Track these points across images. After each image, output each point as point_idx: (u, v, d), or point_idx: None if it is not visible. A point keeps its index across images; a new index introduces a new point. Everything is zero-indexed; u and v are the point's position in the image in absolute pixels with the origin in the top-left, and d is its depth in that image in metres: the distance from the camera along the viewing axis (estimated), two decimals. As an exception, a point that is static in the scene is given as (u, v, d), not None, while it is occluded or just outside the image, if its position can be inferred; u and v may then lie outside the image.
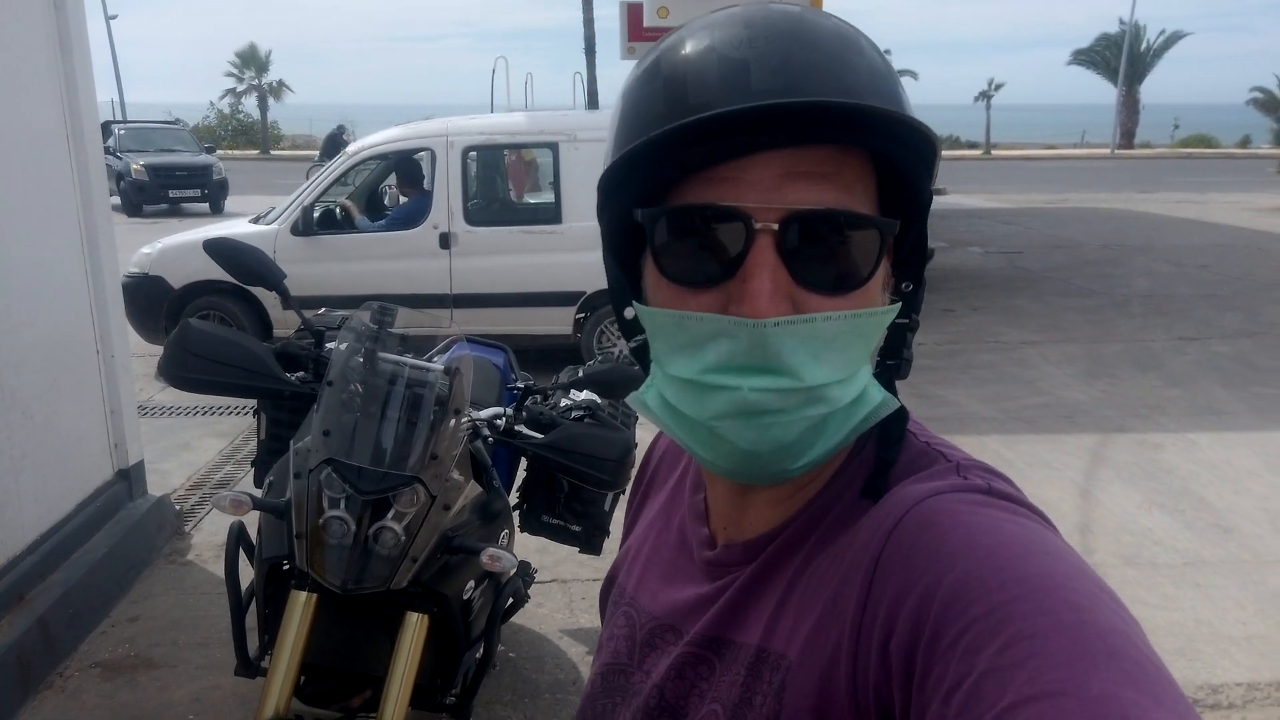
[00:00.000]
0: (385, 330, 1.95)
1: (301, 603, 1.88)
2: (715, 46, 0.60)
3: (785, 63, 0.58)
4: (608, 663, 0.79)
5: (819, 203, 0.59)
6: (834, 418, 0.62)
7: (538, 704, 2.99)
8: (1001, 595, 0.51)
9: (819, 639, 0.61)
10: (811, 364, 0.60)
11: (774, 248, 0.59)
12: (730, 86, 0.58)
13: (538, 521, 2.71)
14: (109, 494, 3.78)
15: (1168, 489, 4.66)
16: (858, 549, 0.61)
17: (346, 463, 1.80)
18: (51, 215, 3.49)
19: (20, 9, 3.32)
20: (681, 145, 0.59)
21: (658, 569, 0.80)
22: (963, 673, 0.49)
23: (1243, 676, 3.12)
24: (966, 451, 0.67)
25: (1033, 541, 0.55)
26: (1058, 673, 0.46)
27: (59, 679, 3.08)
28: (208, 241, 2.23)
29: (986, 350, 7.41)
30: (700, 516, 0.77)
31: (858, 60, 0.60)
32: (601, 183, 0.65)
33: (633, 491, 0.93)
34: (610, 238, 0.67)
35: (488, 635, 2.16)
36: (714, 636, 0.70)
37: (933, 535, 0.57)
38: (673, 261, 0.63)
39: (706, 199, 0.60)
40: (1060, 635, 0.48)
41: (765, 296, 0.59)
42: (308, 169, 13.48)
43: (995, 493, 0.60)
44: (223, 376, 2.08)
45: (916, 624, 0.53)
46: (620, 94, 0.66)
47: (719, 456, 0.64)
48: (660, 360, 0.65)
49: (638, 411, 0.68)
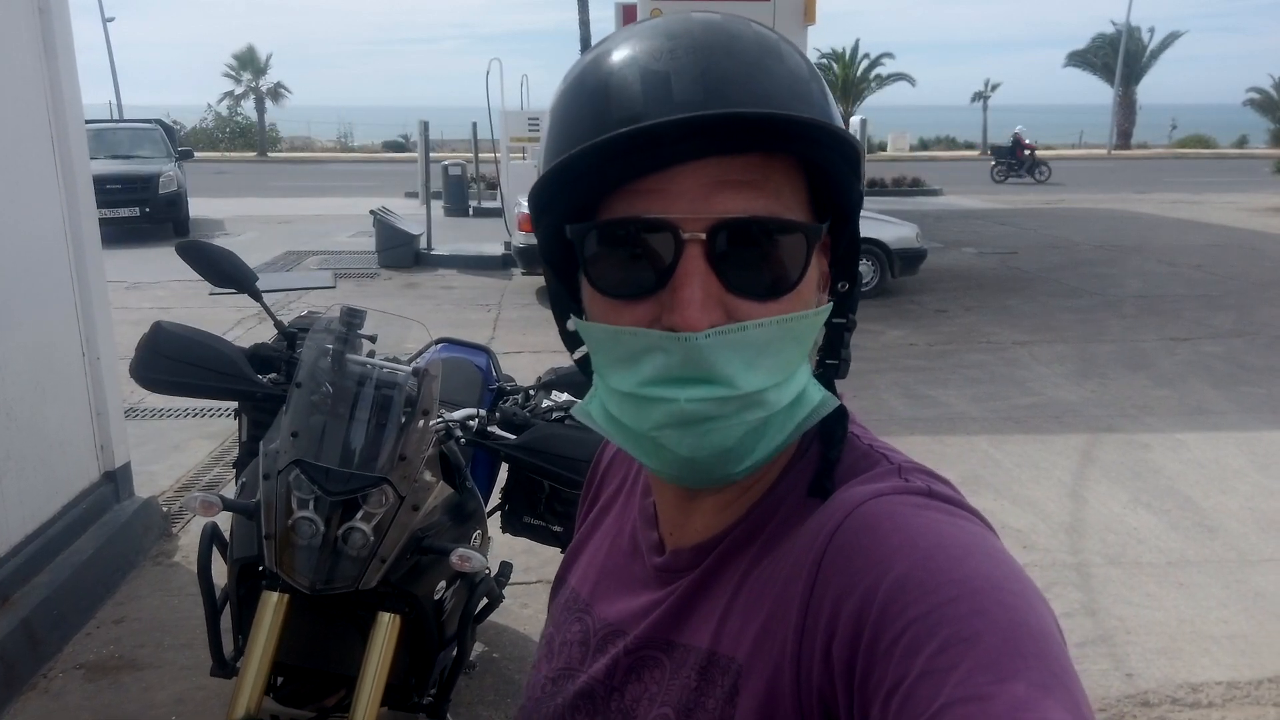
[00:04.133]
0: (354, 332, 1.96)
1: (273, 603, 1.89)
2: (638, 58, 0.60)
3: (705, 74, 0.59)
4: (560, 668, 0.79)
5: (745, 211, 0.60)
6: (773, 420, 0.63)
7: (520, 704, 3.00)
8: (938, 596, 0.52)
9: (766, 641, 0.61)
10: (746, 371, 0.60)
11: (703, 257, 0.60)
12: (652, 99, 0.58)
13: (519, 523, 2.71)
14: (95, 496, 3.79)
15: (1154, 488, 4.67)
16: (800, 551, 0.62)
17: (315, 464, 1.81)
18: (36, 217, 3.50)
19: (3, 12, 3.33)
20: (606, 159, 0.59)
21: (612, 576, 0.80)
22: (900, 675, 0.50)
23: (1223, 675, 3.13)
24: (907, 454, 0.68)
25: (971, 543, 0.56)
26: (987, 675, 0.48)
27: (43, 680, 3.08)
28: (180, 244, 2.24)
29: (978, 350, 7.42)
30: (650, 521, 0.77)
31: (777, 67, 0.61)
32: (531, 197, 0.65)
33: (583, 495, 0.93)
34: (546, 251, 0.68)
35: (461, 635, 2.16)
36: (663, 639, 0.70)
37: (873, 537, 0.57)
38: (604, 275, 0.63)
39: (634, 211, 0.61)
40: (993, 636, 0.49)
41: (696, 305, 0.59)
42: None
43: (936, 495, 0.61)
44: (194, 378, 2.09)
45: (857, 625, 0.54)
46: (550, 106, 0.67)
47: (662, 465, 0.65)
48: (600, 373, 0.66)
49: (583, 422, 0.69)
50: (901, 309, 8.77)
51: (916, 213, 14.15)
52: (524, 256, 9.31)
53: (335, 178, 24.88)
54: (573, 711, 0.76)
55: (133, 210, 13.03)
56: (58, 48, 3.59)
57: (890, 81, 36.15)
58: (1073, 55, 38.08)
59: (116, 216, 12.60)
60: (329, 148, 39.34)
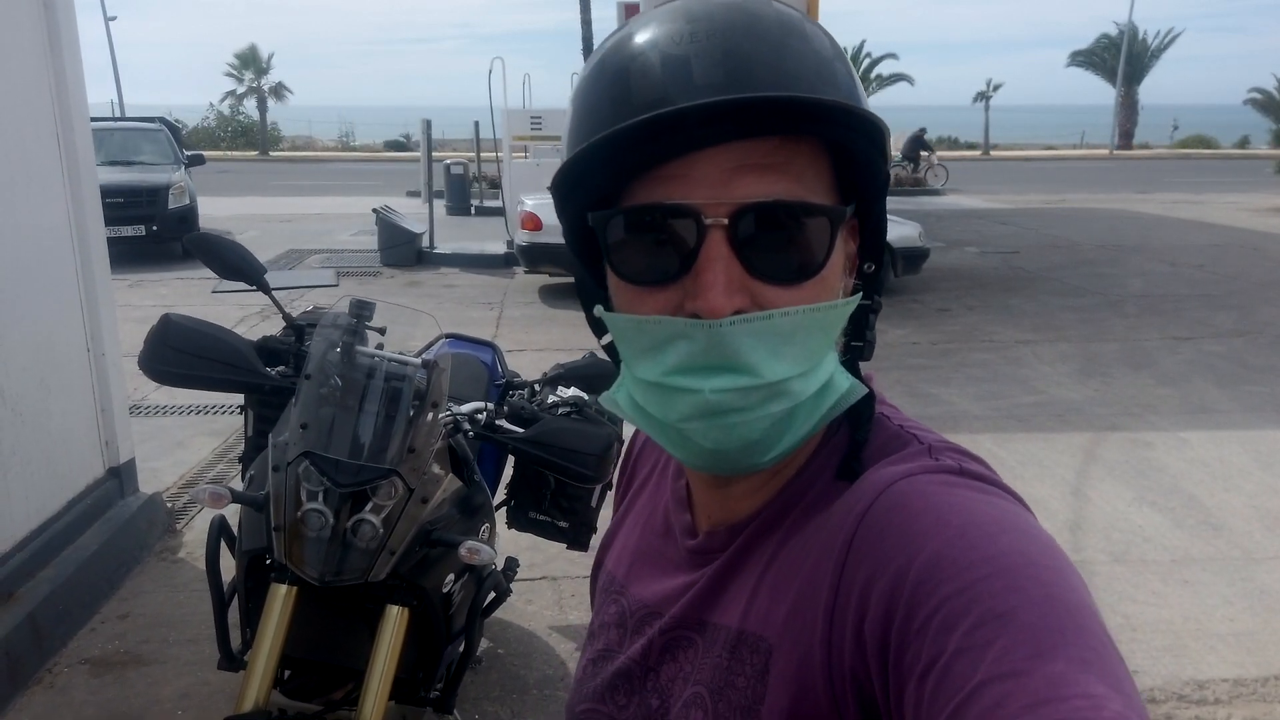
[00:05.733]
0: (363, 324, 1.96)
1: (281, 596, 1.89)
2: (658, 42, 0.60)
3: (726, 56, 0.58)
4: (600, 649, 0.80)
5: (768, 194, 0.59)
6: (799, 410, 0.62)
7: (526, 700, 2.99)
8: (972, 574, 0.51)
9: (795, 621, 0.61)
10: (771, 360, 0.60)
11: (726, 242, 0.59)
12: (673, 84, 0.58)
13: (525, 518, 2.71)
14: (100, 491, 3.79)
15: (1158, 486, 4.66)
16: (830, 532, 0.62)
17: (324, 456, 1.81)
18: (41, 213, 3.50)
19: (9, 9, 3.33)
20: (628, 146, 0.59)
21: (646, 557, 0.80)
22: (935, 652, 0.50)
23: (1229, 673, 3.13)
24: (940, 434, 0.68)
25: (1004, 519, 0.56)
26: (1024, 650, 0.47)
27: (48, 675, 3.08)
28: (188, 237, 2.23)
29: (981, 349, 7.41)
30: (682, 502, 0.77)
31: (801, 47, 0.60)
32: (554, 185, 0.65)
33: (618, 480, 0.94)
34: (571, 239, 0.68)
35: (469, 629, 2.16)
36: (696, 619, 0.70)
37: (904, 516, 0.57)
38: (627, 262, 0.63)
39: (656, 198, 0.60)
40: (1029, 612, 0.49)
41: (719, 290, 0.59)
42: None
43: (967, 473, 0.61)
44: (202, 370, 2.08)
45: (889, 604, 0.54)
46: (572, 93, 0.66)
47: (689, 455, 0.65)
48: (627, 362, 0.66)
49: (612, 410, 0.69)
50: (904, 308, 8.78)
51: (919, 212, 14.15)
52: (526, 255, 9.30)
53: (336, 177, 24.88)
54: (611, 691, 0.76)
55: (137, 229, 10.71)
56: (63, 43, 3.59)
57: (891, 82, 36.16)
58: (1075, 55, 38.07)
59: (119, 236, 10.11)
60: (330, 147, 39.36)
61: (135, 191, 10.91)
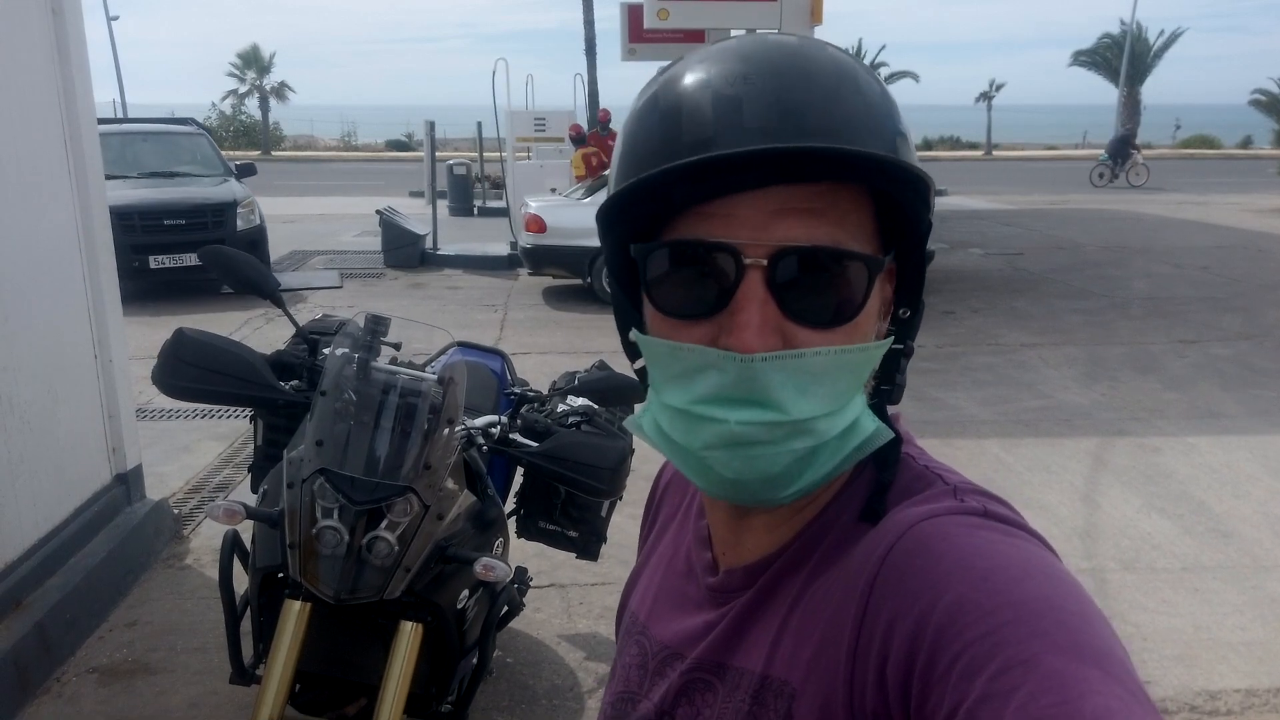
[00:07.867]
0: (378, 339, 1.95)
1: (295, 611, 1.88)
2: (711, 82, 0.60)
3: (778, 101, 0.58)
4: (619, 691, 0.80)
5: (809, 239, 0.60)
6: (822, 449, 0.63)
7: (535, 710, 2.99)
8: (996, 619, 0.51)
9: (819, 664, 0.61)
10: (798, 398, 0.61)
11: (764, 282, 0.60)
12: (723, 125, 0.58)
13: (535, 528, 2.70)
14: (107, 498, 3.79)
15: (1167, 493, 4.65)
16: (853, 573, 0.61)
17: (340, 473, 1.80)
18: (49, 219, 3.49)
19: (17, 14, 3.32)
20: (673, 182, 0.60)
21: (669, 597, 0.80)
22: (958, 699, 0.49)
23: (1241, 683, 3.12)
24: (964, 475, 0.67)
25: (1028, 563, 0.56)
26: (1048, 698, 0.47)
27: (56, 684, 3.07)
28: (203, 251, 2.23)
29: (986, 353, 7.40)
30: (703, 541, 0.78)
31: (853, 97, 0.61)
32: (599, 215, 0.66)
33: (644, 517, 0.94)
34: (612, 264, 0.69)
35: (483, 643, 2.15)
36: (715, 661, 0.70)
37: (927, 558, 0.57)
38: (666, 295, 0.64)
39: (699, 234, 0.61)
40: (1053, 659, 0.48)
41: (754, 329, 0.60)
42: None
43: (991, 515, 0.61)
44: (216, 385, 2.08)
45: (912, 648, 0.53)
46: (623, 124, 0.67)
47: (709, 483, 0.66)
48: (656, 388, 0.67)
49: (636, 435, 0.70)
50: (909, 310, 8.76)
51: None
52: (530, 258, 9.29)
53: (339, 177, 24.88)
54: None
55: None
56: (70, 49, 3.58)
57: (893, 81, 36.14)
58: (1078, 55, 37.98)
59: (178, 265, 8.39)
60: (332, 146, 39.38)
61: (198, 211, 8.90)
